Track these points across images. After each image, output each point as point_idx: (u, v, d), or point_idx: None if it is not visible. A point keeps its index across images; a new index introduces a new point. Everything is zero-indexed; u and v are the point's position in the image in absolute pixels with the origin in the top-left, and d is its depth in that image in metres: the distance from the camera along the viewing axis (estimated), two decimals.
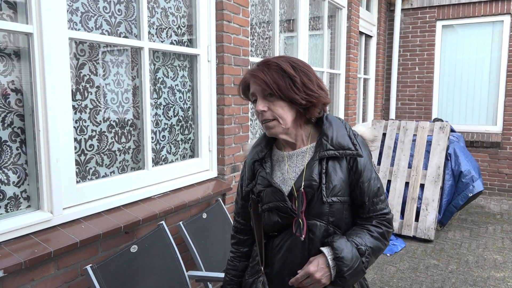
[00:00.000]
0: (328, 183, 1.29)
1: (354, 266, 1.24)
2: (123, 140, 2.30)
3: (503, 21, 5.83)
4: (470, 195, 4.44)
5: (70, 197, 1.92)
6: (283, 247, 1.35)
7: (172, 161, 2.67)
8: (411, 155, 4.71)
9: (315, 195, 1.29)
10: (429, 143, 4.68)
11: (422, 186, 4.55)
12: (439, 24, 6.26)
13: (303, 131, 1.38)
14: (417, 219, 4.44)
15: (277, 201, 1.32)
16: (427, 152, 4.65)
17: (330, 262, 1.24)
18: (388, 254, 3.98)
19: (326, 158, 1.31)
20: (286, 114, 1.30)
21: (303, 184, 1.30)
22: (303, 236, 1.29)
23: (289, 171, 1.37)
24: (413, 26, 6.38)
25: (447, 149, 4.59)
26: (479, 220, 5.01)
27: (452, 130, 4.92)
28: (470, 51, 6.14)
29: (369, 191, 1.33)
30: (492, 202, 5.80)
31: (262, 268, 1.38)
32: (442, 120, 5.05)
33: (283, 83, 1.26)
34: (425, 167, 4.60)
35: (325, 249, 1.26)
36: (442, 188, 4.51)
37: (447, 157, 4.60)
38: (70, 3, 1.95)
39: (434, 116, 6.39)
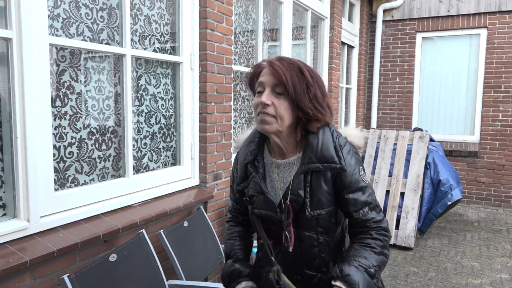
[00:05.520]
0: (312, 197, 1.30)
1: None
2: (104, 147, 2.27)
3: (479, 34, 6.00)
4: (449, 203, 4.53)
5: (47, 205, 1.89)
6: (279, 253, 1.42)
7: (153, 169, 2.65)
8: (392, 164, 4.78)
9: (302, 208, 1.32)
10: (409, 152, 4.76)
11: (402, 194, 4.61)
12: (419, 36, 6.41)
13: (295, 140, 1.36)
14: (397, 227, 4.49)
15: (269, 211, 1.36)
16: (407, 161, 4.73)
17: None
18: None
19: (310, 171, 1.30)
20: (287, 116, 1.28)
21: (289, 197, 1.32)
22: (291, 248, 1.34)
23: (277, 180, 1.39)
24: (394, 37, 6.51)
25: (427, 158, 4.67)
26: (457, 228, 5.10)
27: (431, 140, 5.02)
28: (448, 63, 6.29)
29: (356, 202, 1.31)
30: (470, 210, 5.92)
31: (273, 258, 1.41)
32: (421, 130, 5.14)
33: (299, 86, 1.25)
34: (405, 175, 4.67)
35: (339, 284, 1.23)
36: (421, 197, 4.58)
37: (427, 166, 4.68)
38: (51, 9, 1.93)
39: (414, 125, 6.51)
